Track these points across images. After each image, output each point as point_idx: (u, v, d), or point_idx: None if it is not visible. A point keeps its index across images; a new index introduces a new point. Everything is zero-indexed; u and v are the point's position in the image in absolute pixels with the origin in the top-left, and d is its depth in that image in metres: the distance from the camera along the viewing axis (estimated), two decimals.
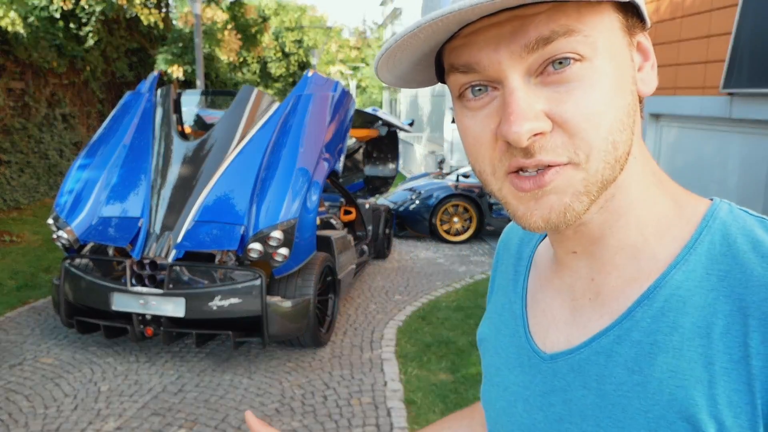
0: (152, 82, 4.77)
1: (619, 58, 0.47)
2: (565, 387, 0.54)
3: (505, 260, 0.71)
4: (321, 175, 4.05)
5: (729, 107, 4.27)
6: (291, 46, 23.49)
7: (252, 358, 3.97)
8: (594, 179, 0.46)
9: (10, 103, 8.72)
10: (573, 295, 0.57)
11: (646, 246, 0.52)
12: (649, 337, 0.49)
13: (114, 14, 10.37)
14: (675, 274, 0.49)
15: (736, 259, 0.47)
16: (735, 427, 0.44)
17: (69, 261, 3.87)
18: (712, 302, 0.47)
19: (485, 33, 0.45)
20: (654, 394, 0.48)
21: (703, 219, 0.51)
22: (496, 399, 0.64)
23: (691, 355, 0.46)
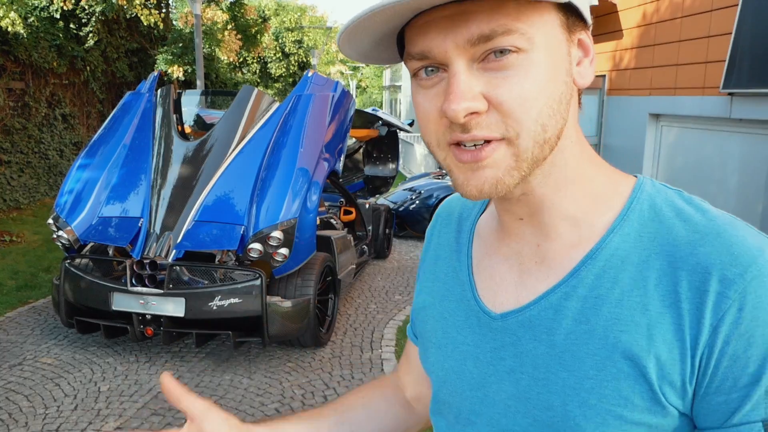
0: (152, 82, 4.77)
1: (556, 52, 0.53)
2: (515, 342, 0.61)
3: (444, 233, 0.76)
4: (321, 175, 4.05)
5: (729, 107, 4.27)
6: (291, 47, 23.49)
7: (252, 358, 3.97)
8: (524, 156, 0.53)
9: (10, 103, 8.71)
10: (520, 259, 0.64)
11: (585, 216, 0.60)
12: (593, 292, 0.57)
13: (114, 14, 10.36)
14: (613, 238, 0.58)
15: (663, 223, 0.57)
16: (669, 360, 0.53)
17: (69, 261, 3.87)
18: (646, 259, 0.56)
19: (436, 24, 0.51)
20: (600, 339, 0.56)
21: (632, 192, 0.60)
22: (444, 359, 0.69)
23: (631, 304, 0.55)
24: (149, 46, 12.17)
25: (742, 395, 0.52)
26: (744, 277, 0.51)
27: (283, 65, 23.27)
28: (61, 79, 9.91)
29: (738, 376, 0.51)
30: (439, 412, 0.72)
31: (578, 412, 0.56)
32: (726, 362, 0.52)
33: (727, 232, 0.54)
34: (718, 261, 0.52)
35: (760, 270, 0.51)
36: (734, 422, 0.52)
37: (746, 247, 0.53)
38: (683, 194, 0.60)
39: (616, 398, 0.55)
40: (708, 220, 0.55)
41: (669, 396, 0.54)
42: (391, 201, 7.87)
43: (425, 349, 0.74)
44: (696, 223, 0.55)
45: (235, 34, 13.30)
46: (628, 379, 0.54)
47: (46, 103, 9.53)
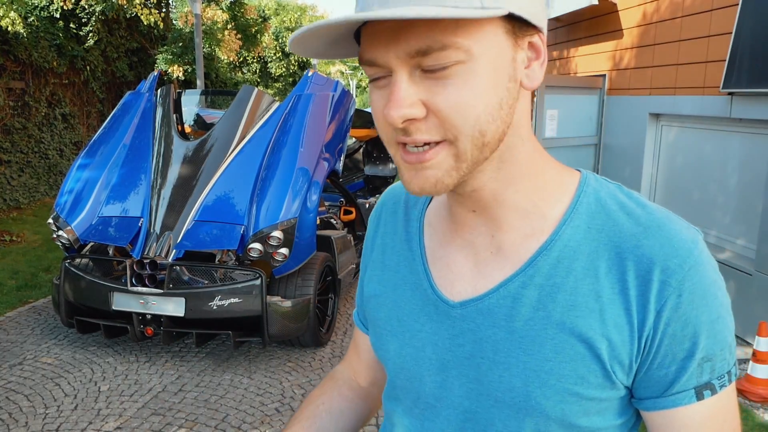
0: (152, 81, 4.77)
1: (498, 60, 0.55)
2: (475, 328, 0.65)
3: (390, 221, 0.79)
4: (321, 174, 4.05)
5: (729, 107, 4.27)
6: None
7: (252, 358, 3.97)
8: (464, 157, 0.56)
9: (10, 103, 8.71)
10: (475, 249, 0.67)
11: (536, 208, 0.64)
12: (549, 281, 0.61)
13: (114, 14, 10.36)
14: (566, 230, 0.62)
15: (609, 216, 0.62)
16: (619, 342, 0.59)
17: (69, 261, 3.87)
18: (595, 249, 0.61)
19: (380, 34, 0.54)
20: (557, 324, 0.60)
21: (579, 186, 0.65)
22: (401, 347, 0.71)
23: (584, 291, 0.60)
24: (149, 46, 12.17)
25: (679, 368, 0.60)
26: (683, 267, 0.58)
27: (283, 65, 23.26)
28: (61, 79, 9.91)
29: (676, 352, 0.59)
30: (396, 397, 0.75)
31: (539, 392, 0.61)
32: (667, 341, 0.59)
33: (666, 225, 0.60)
34: (660, 253, 0.59)
35: (695, 260, 0.59)
36: (672, 391, 0.60)
37: (683, 240, 0.59)
38: (623, 188, 0.65)
39: (574, 377, 0.60)
40: (648, 214, 0.61)
41: (618, 373, 0.60)
42: None
43: (379, 337, 0.76)
44: (638, 216, 0.61)
45: (235, 33, 13.29)
46: (584, 360, 0.60)
47: (46, 102, 9.53)
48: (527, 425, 0.62)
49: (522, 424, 0.63)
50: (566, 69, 7.27)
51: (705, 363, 0.60)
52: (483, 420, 0.65)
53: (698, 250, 0.59)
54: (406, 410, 0.73)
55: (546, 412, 0.61)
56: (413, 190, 0.58)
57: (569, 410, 0.61)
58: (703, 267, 0.59)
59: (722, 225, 4.57)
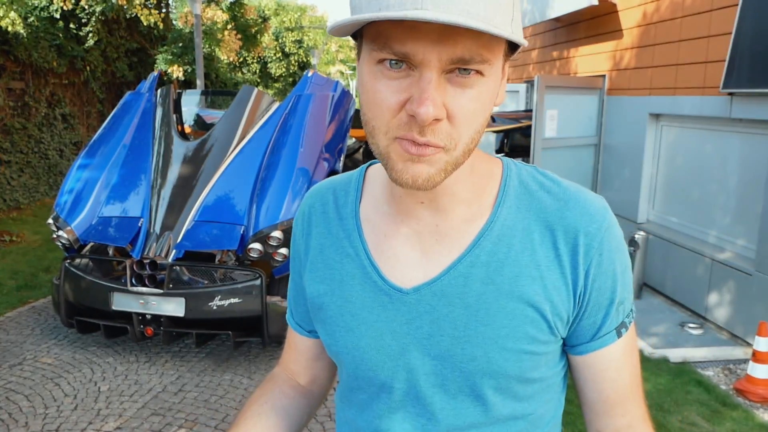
0: (152, 82, 4.77)
1: (497, 78, 0.61)
2: (430, 310, 0.70)
3: (322, 223, 0.81)
4: (321, 175, 4.05)
5: (729, 107, 4.27)
6: (291, 46, 23.47)
7: (252, 358, 3.97)
8: (454, 161, 0.61)
9: (10, 103, 8.71)
10: (421, 238, 0.72)
11: (474, 197, 0.71)
12: (493, 257, 0.69)
13: (114, 14, 10.36)
14: (501, 211, 0.70)
15: (532, 195, 0.71)
16: (559, 301, 0.68)
17: (69, 261, 3.87)
18: (528, 225, 0.70)
19: (426, 34, 0.55)
20: (506, 294, 0.68)
21: (503, 172, 0.73)
22: (358, 339, 0.74)
23: (525, 262, 0.68)
24: (149, 46, 12.17)
25: (603, 314, 0.71)
26: (600, 230, 0.69)
27: (283, 65, 23.26)
28: (61, 79, 9.91)
29: (601, 301, 0.70)
30: (359, 387, 0.78)
31: (499, 356, 0.68)
32: (594, 294, 0.69)
33: (581, 197, 0.70)
34: (581, 221, 0.69)
35: (608, 222, 0.69)
36: (600, 335, 0.72)
37: (597, 207, 0.70)
38: (538, 169, 0.74)
39: (527, 339, 0.68)
40: (563, 190, 0.71)
41: (559, 328, 0.70)
42: None
43: (332, 334, 0.77)
44: (556, 192, 0.71)
45: (235, 34, 13.29)
46: (533, 322, 0.68)
47: (46, 102, 9.53)
48: (489, 385, 0.70)
49: (485, 385, 0.70)
50: (566, 69, 7.27)
51: (620, 306, 0.72)
52: (451, 389, 0.71)
53: (609, 214, 0.70)
54: (371, 399, 0.76)
55: (506, 372, 0.69)
56: (406, 180, 0.60)
57: (525, 366, 0.69)
58: (614, 227, 0.70)
59: (722, 225, 4.57)
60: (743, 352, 3.94)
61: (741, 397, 3.41)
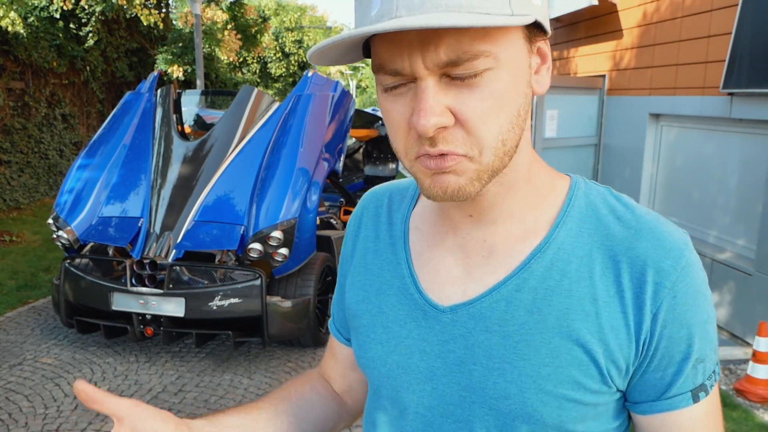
0: (152, 82, 4.77)
1: (517, 66, 0.54)
2: (466, 334, 0.63)
3: (372, 225, 0.76)
4: (321, 175, 4.05)
5: (729, 107, 4.27)
6: (291, 46, 23.48)
7: (252, 358, 3.97)
8: (485, 168, 0.55)
9: (10, 103, 8.71)
10: (466, 253, 0.65)
11: (530, 212, 0.63)
12: (543, 284, 0.60)
13: (114, 14, 10.36)
14: (559, 233, 0.62)
15: (599, 220, 0.62)
16: (615, 345, 0.58)
17: (69, 261, 3.87)
18: (589, 253, 0.60)
19: (407, 43, 0.52)
20: (553, 328, 0.59)
21: (570, 190, 0.65)
22: (387, 354, 0.68)
23: (580, 294, 0.59)
24: (149, 46, 12.17)
25: (675, 371, 0.60)
26: (676, 268, 0.58)
27: (283, 65, 23.26)
28: (61, 79, 9.91)
29: (672, 354, 0.59)
30: (382, 407, 0.72)
31: (536, 399, 0.59)
32: (664, 343, 0.59)
33: (657, 227, 0.60)
34: (653, 254, 0.59)
35: (687, 261, 0.59)
36: (670, 395, 0.60)
37: (674, 242, 0.59)
38: (612, 191, 0.65)
39: (571, 383, 0.59)
40: (637, 217, 0.62)
41: (614, 377, 0.60)
42: None
43: (362, 345, 0.72)
44: (628, 219, 0.61)
45: (235, 34, 13.29)
46: (581, 365, 0.59)
47: (46, 102, 9.53)
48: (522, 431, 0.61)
49: (518, 431, 0.61)
50: (566, 69, 7.27)
51: (698, 364, 0.60)
52: (477, 429, 0.63)
53: (689, 251, 0.60)
54: (393, 420, 0.71)
55: (543, 418, 0.60)
56: (436, 193, 0.56)
57: (566, 416, 0.60)
58: (694, 267, 0.59)
59: (722, 225, 4.57)
60: (743, 352, 3.94)
61: (741, 398, 3.41)
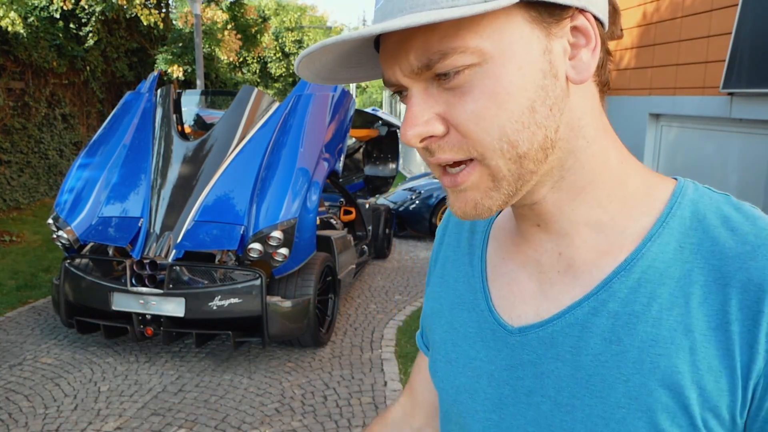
0: (152, 82, 4.77)
1: (519, 56, 0.46)
2: (536, 360, 0.55)
3: (455, 233, 0.70)
4: (321, 175, 4.05)
5: (729, 107, 4.27)
6: (291, 46, 23.48)
7: (252, 358, 3.97)
8: (500, 175, 0.49)
9: (10, 103, 8.71)
10: (540, 268, 0.57)
11: (613, 221, 0.53)
12: (626, 308, 0.50)
13: (114, 14, 10.36)
14: (651, 247, 0.51)
15: (707, 233, 0.50)
16: (716, 390, 0.46)
17: (69, 261, 3.87)
18: (688, 273, 0.49)
19: (386, 53, 0.49)
20: (634, 363, 0.49)
21: (672, 196, 0.53)
22: (455, 376, 0.63)
23: (671, 323, 0.48)
24: (149, 46, 12.17)
25: None
26: None
27: (283, 65, 23.26)
28: (61, 79, 9.91)
29: None
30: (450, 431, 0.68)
31: None
32: None
33: None
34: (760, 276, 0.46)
35: None
36: None
37: None
38: (731, 199, 0.53)
39: None
40: (759, 230, 0.49)
41: (714, 430, 0.47)
42: (391, 201, 7.87)
43: (434, 361, 0.68)
44: (745, 233, 0.49)
45: (235, 34, 13.29)
46: (666, 411, 0.47)
47: (46, 103, 9.53)
48: None
49: None
50: None
51: None
52: None
53: None
54: None
55: None
56: (457, 214, 0.52)
57: None
58: None
59: None
60: None
61: None
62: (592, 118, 0.52)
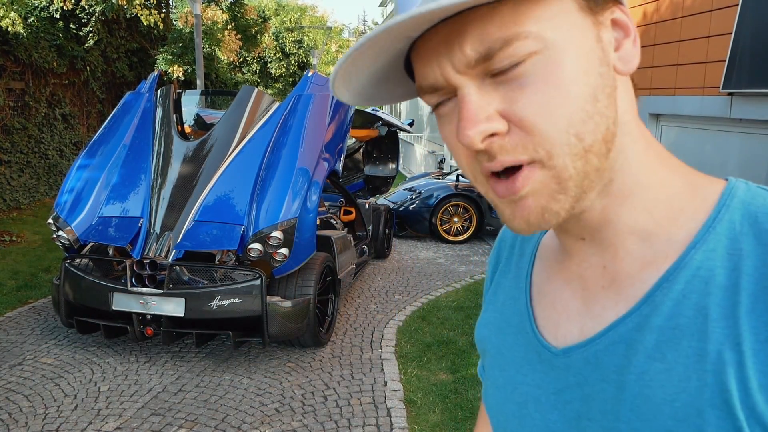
0: (152, 82, 4.78)
1: (579, 43, 0.45)
2: (582, 382, 0.51)
3: (506, 257, 0.67)
4: (321, 175, 4.05)
5: (729, 107, 4.27)
6: (291, 46, 23.48)
7: (252, 358, 3.97)
8: (565, 175, 0.45)
9: (10, 103, 8.71)
10: (584, 284, 0.54)
11: (659, 228, 0.49)
12: (670, 322, 0.46)
13: (114, 14, 10.36)
14: (695, 255, 0.47)
15: (758, 237, 0.45)
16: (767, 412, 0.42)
17: (69, 261, 3.87)
18: (737, 282, 0.44)
19: (433, 50, 0.45)
20: (680, 381, 0.45)
21: (721, 198, 0.48)
22: (503, 402, 0.60)
23: (718, 336, 0.44)
24: (149, 46, 12.17)
25: None
26: None
27: (283, 65, 23.26)
28: (61, 79, 9.91)
29: None
30: None
31: None
32: None
33: None
34: None
35: None
36: None
37: None
38: None
39: None
40: None
41: None
42: (391, 201, 7.87)
43: (485, 388, 0.65)
44: None
45: (235, 34, 13.29)
46: None
47: (46, 103, 9.53)
48: None
49: None
50: None
51: None
52: None
53: None
54: None
55: None
56: (519, 226, 0.48)
57: None
58: None
59: None
60: None
61: None
62: (632, 116, 0.50)
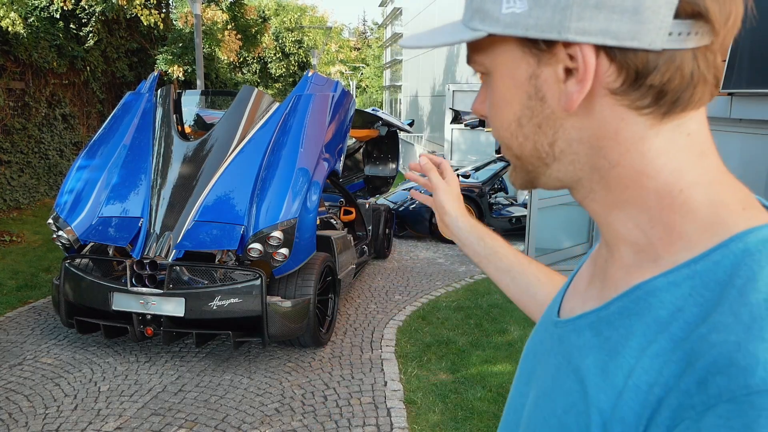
0: (152, 82, 4.78)
1: (512, 77, 0.52)
2: (549, 350, 0.58)
3: None
4: (321, 175, 4.06)
5: (729, 107, 4.27)
6: (291, 47, 23.49)
7: (252, 358, 3.97)
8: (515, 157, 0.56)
9: (10, 103, 8.72)
10: (594, 270, 0.60)
11: (650, 246, 0.49)
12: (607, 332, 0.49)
13: (114, 14, 10.37)
14: (657, 281, 0.47)
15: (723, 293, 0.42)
16: None
17: (69, 261, 3.87)
18: (668, 321, 0.44)
19: None
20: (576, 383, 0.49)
21: (731, 237, 0.45)
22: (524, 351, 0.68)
23: (621, 361, 0.45)
24: (149, 46, 12.18)
25: None
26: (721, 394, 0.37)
27: (283, 65, 23.27)
28: (61, 79, 9.92)
29: None
30: None
31: None
32: None
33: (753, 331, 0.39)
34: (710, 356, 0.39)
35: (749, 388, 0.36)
36: None
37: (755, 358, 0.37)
38: None
39: None
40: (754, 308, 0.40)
41: None
42: (391, 201, 7.87)
43: None
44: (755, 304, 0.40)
45: (235, 34, 13.30)
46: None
47: (46, 103, 9.54)
48: None
49: None
50: None
51: None
52: None
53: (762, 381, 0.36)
54: None
55: None
56: None
57: None
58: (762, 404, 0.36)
59: None
60: None
61: None
62: (615, 143, 0.49)
